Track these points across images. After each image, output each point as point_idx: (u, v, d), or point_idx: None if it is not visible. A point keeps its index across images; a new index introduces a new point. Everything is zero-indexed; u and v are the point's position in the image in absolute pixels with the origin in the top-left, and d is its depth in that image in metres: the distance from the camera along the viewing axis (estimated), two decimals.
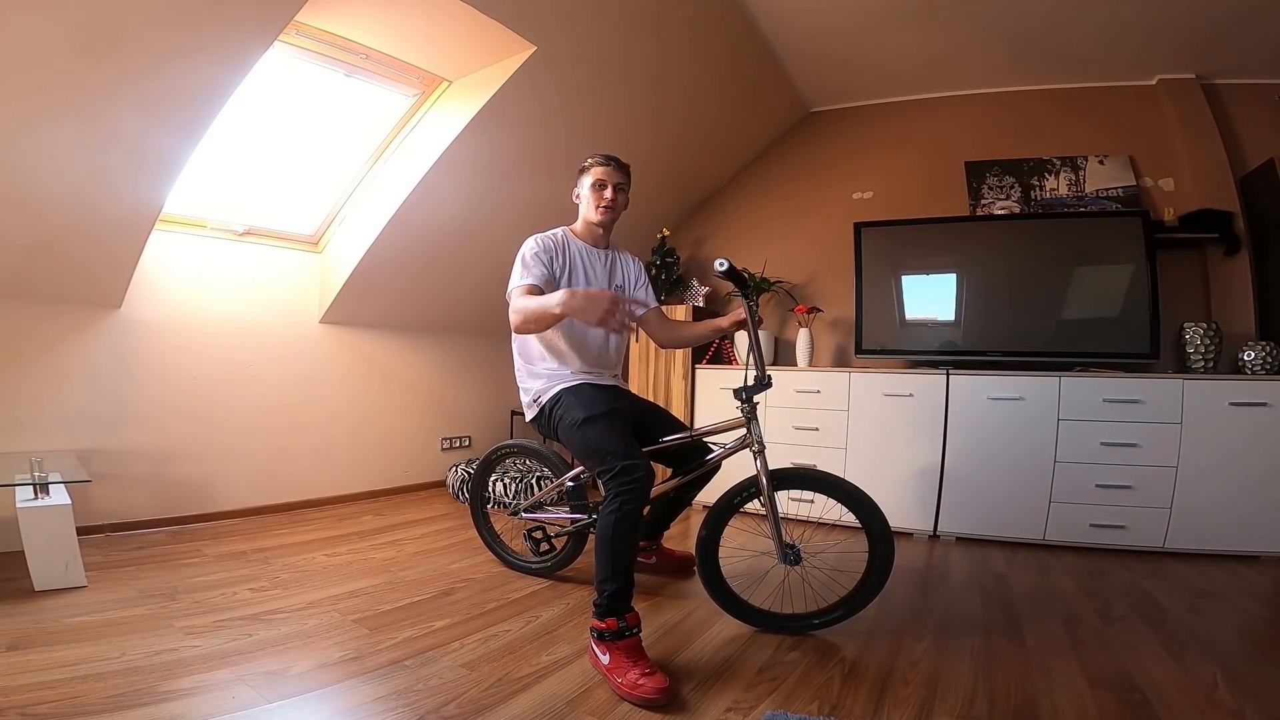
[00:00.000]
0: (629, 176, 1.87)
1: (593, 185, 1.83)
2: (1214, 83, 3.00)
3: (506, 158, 2.87)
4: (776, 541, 1.70)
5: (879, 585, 1.67)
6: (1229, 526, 2.46)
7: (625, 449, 1.59)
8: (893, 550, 1.65)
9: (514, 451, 2.25)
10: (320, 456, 3.15)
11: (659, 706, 1.31)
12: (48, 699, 1.24)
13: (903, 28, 2.86)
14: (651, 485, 1.57)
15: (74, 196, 2.05)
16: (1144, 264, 2.75)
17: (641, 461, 1.56)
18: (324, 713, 1.27)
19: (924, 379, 2.85)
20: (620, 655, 1.42)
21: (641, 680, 1.34)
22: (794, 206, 3.78)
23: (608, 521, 1.52)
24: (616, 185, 1.83)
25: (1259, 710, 1.33)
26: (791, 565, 1.71)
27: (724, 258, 1.64)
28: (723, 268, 1.62)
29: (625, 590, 1.50)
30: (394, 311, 3.37)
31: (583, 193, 1.86)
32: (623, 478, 1.53)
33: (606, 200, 1.82)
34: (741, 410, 1.74)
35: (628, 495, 1.51)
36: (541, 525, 2.16)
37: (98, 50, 1.72)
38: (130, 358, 2.53)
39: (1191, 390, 2.50)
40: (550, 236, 1.82)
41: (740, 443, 1.77)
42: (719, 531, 1.75)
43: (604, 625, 1.46)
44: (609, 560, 1.51)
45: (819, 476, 1.75)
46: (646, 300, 2.00)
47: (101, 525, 2.39)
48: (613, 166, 1.82)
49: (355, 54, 2.45)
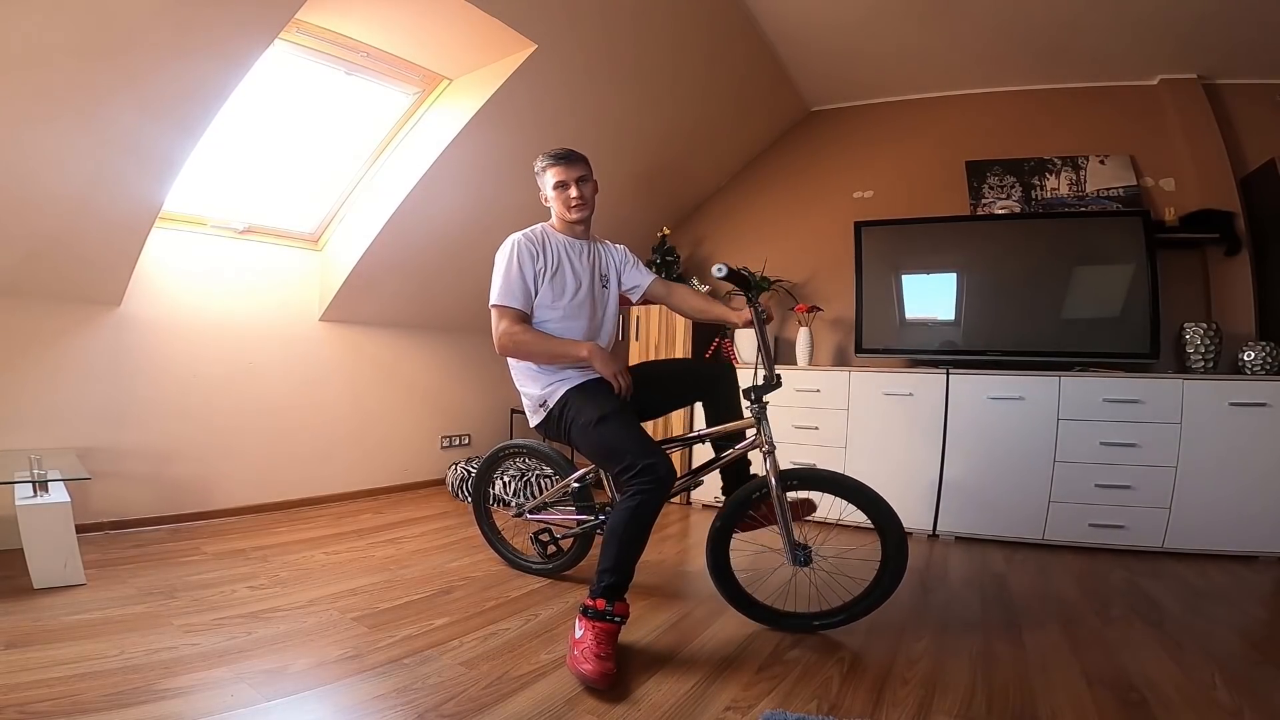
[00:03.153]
0: (588, 163, 1.79)
1: (555, 187, 1.76)
2: (1215, 83, 3.00)
3: (507, 156, 2.86)
4: (786, 542, 1.68)
5: (884, 596, 1.65)
6: (1228, 527, 2.46)
7: (645, 446, 1.56)
8: (906, 560, 1.62)
9: (520, 452, 2.24)
10: (320, 455, 3.14)
11: (594, 690, 1.36)
12: (46, 697, 1.23)
13: (904, 27, 2.86)
14: (673, 483, 1.55)
15: (74, 194, 2.04)
16: (1144, 264, 2.75)
17: (662, 460, 1.53)
18: (323, 711, 1.27)
19: (924, 378, 2.85)
20: (591, 634, 1.45)
21: (591, 659, 1.39)
22: (794, 205, 3.77)
23: (621, 516, 1.52)
24: (579, 179, 1.75)
25: (1257, 710, 1.34)
26: (801, 566, 1.70)
27: (721, 263, 1.61)
28: (721, 273, 1.59)
29: (621, 584, 1.52)
30: (394, 310, 3.37)
31: (548, 194, 1.80)
32: (646, 476, 1.51)
33: (574, 199, 1.76)
34: (751, 410, 1.72)
35: (649, 492, 1.50)
36: (548, 527, 2.14)
37: (98, 48, 1.72)
38: (130, 355, 2.52)
39: (1191, 390, 2.50)
40: (530, 235, 1.77)
41: (751, 443, 1.75)
42: (733, 524, 1.74)
43: (591, 602, 1.50)
44: (613, 553, 1.52)
45: (834, 478, 1.70)
46: (642, 278, 1.95)
47: (101, 523, 2.39)
48: (565, 164, 1.75)
49: (356, 52, 2.45)
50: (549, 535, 2.13)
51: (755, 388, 1.71)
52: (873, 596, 1.66)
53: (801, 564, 1.69)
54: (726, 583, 1.75)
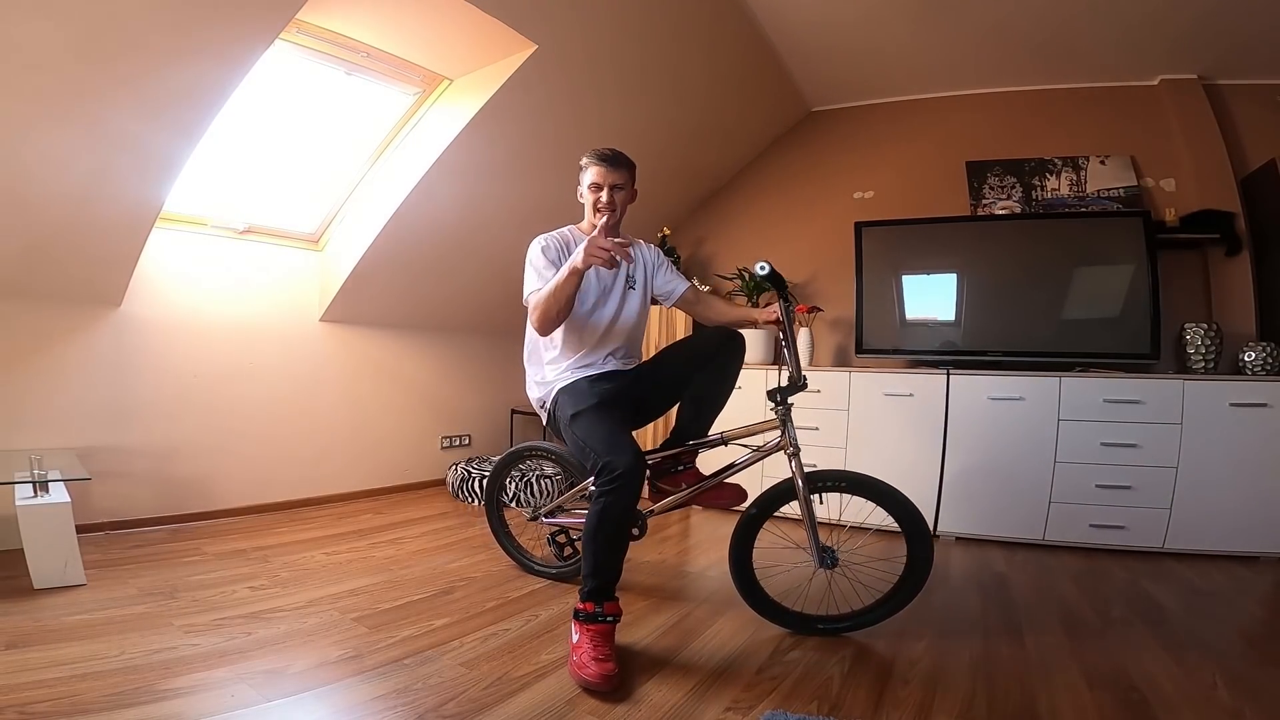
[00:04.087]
0: (631, 172, 1.77)
1: (590, 187, 1.75)
2: (1216, 83, 3.00)
3: (507, 156, 2.87)
4: (813, 545, 1.67)
5: (898, 607, 1.64)
6: (1229, 527, 2.46)
7: (609, 443, 1.52)
8: (929, 570, 1.60)
9: (538, 454, 2.20)
10: (320, 455, 3.14)
11: (600, 693, 1.35)
12: (46, 697, 1.23)
13: (904, 27, 2.86)
14: (640, 479, 1.50)
15: (74, 194, 2.04)
16: (1145, 264, 2.75)
17: (622, 456, 1.47)
18: (323, 711, 1.27)
19: (924, 379, 2.85)
20: (587, 637, 1.45)
21: (590, 664, 1.38)
22: (795, 206, 3.78)
23: (590, 520, 1.50)
24: (614, 186, 1.73)
25: (1258, 710, 1.33)
26: (828, 569, 1.68)
27: (765, 260, 1.63)
28: (764, 271, 1.60)
29: (603, 588, 1.51)
30: (394, 310, 3.37)
31: (583, 190, 1.79)
32: (604, 476, 1.47)
33: (604, 203, 1.73)
34: (775, 412, 1.70)
35: (610, 492, 1.46)
36: (565, 529, 2.10)
37: (98, 47, 1.72)
38: (130, 355, 2.52)
39: (1192, 391, 2.50)
40: (557, 235, 1.78)
41: (776, 445, 1.72)
42: (767, 516, 1.73)
43: (582, 606, 1.50)
44: (590, 557, 1.51)
45: (862, 480, 1.66)
46: (674, 284, 1.93)
47: (101, 523, 2.39)
48: (607, 166, 1.72)
49: (356, 52, 2.45)
50: (565, 537, 2.11)
51: (780, 389, 1.69)
52: (888, 604, 1.65)
53: (829, 567, 1.68)
54: (743, 573, 1.74)
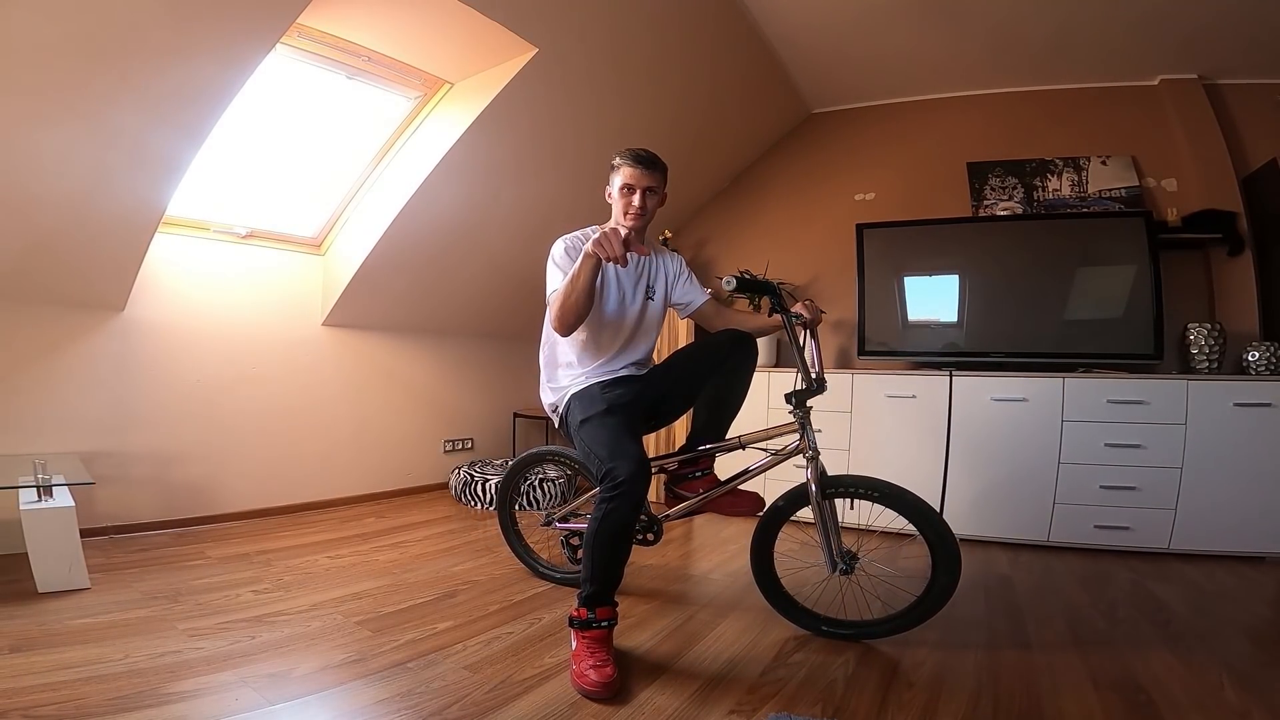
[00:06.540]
0: (664, 175, 1.72)
1: (621, 189, 1.69)
2: (1216, 83, 3.00)
3: (508, 160, 2.87)
4: (826, 550, 1.64)
5: (905, 626, 1.61)
6: (1234, 528, 2.45)
7: (613, 449, 1.51)
8: (947, 599, 1.55)
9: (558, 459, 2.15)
10: (323, 459, 3.15)
11: (599, 699, 1.34)
12: (51, 701, 1.24)
13: (904, 28, 2.86)
14: (642, 487, 1.47)
15: (76, 199, 2.05)
16: (1147, 265, 2.74)
17: (625, 463, 1.46)
18: (327, 715, 1.27)
19: (927, 380, 2.85)
20: (583, 644, 1.44)
21: (589, 671, 1.37)
22: (796, 208, 3.78)
23: (590, 527, 1.49)
24: (646, 189, 1.67)
25: (1265, 711, 1.33)
26: (844, 574, 1.64)
27: (729, 274, 1.55)
28: (731, 286, 1.53)
29: (600, 594, 1.50)
30: (396, 314, 3.38)
31: (613, 192, 1.72)
32: (607, 482, 1.46)
33: (635, 208, 1.67)
34: (794, 415, 1.67)
35: (611, 500, 1.45)
36: (580, 533, 2.06)
37: (100, 52, 1.73)
38: (133, 360, 2.53)
39: (1196, 391, 2.49)
40: (580, 235, 1.74)
41: (795, 449, 1.70)
42: (792, 511, 1.72)
43: (576, 613, 1.50)
44: (589, 563, 1.50)
45: (881, 487, 1.60)
46: (693, 296, 1.88)
47: (105, 527, 2.40)
48: (643, 168, 1.67)
49: (357, 56, 2.46)
50: (579, 539, 2.08)
51: (798, 392, 1.67)
52: (904, 619, 1.62)
53: (844, 572, 1.64)
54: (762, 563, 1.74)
